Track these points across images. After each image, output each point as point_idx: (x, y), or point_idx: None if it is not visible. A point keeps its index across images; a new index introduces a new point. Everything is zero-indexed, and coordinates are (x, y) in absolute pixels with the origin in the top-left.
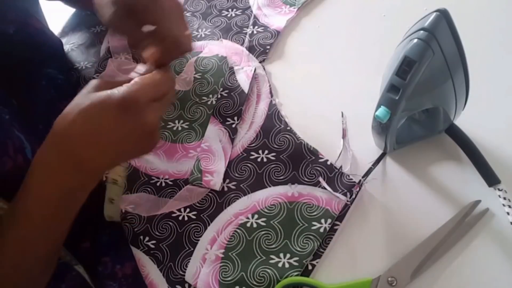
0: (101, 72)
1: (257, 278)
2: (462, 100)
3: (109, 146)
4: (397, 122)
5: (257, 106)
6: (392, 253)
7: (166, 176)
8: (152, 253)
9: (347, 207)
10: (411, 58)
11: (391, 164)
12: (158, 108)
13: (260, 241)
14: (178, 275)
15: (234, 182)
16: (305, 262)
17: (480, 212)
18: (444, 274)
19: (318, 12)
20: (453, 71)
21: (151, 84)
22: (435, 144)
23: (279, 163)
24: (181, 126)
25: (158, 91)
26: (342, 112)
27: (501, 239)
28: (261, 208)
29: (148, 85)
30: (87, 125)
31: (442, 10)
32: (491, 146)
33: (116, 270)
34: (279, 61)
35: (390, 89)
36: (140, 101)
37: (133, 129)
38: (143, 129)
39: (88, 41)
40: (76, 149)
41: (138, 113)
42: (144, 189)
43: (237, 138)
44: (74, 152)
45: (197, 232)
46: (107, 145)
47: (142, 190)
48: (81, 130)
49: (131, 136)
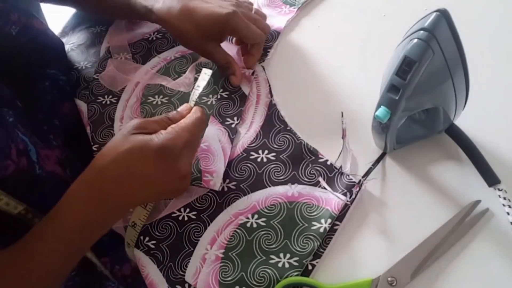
0: (101, 72)
1: (257, 278)
2: (462, 100)
3: (142, 188)
4: (397, 122)
5: (257, 106)
6: (392, 253)
7: None
8: (152, 253)
9: (347, 207)
10: (411, 58)
11: (391, 164)
12: (190, 153)
13: (260, 241)
14: (178, 275)
15: (234, 182)
16: (305, 262)
17: (480, 212)
18: (444, 274)
19: (318, 12)
20: (453, 71)
21: (187, 131)
22: (435, 144)
23: (279, 163)
24: None
25: (192, 136)
26: (342, 112)
27: (501, 239)
28: (261, 208)
29: (184, 131)
30: (123, 168)
31: (442, 10)
32: (491, 146)
33: (115, 271)
34: (279, 61)
35: (390, 89)
36: (176, 148)
37: (167, 174)
38: (177, 174)
39: (88, 41)
40: (108, 188)
41: (173, 159)
42: None
43: (237, 138)
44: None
45: (197, 232)
46: (140, 187)
47: None
48: (117, 172)
49: (164, 180)
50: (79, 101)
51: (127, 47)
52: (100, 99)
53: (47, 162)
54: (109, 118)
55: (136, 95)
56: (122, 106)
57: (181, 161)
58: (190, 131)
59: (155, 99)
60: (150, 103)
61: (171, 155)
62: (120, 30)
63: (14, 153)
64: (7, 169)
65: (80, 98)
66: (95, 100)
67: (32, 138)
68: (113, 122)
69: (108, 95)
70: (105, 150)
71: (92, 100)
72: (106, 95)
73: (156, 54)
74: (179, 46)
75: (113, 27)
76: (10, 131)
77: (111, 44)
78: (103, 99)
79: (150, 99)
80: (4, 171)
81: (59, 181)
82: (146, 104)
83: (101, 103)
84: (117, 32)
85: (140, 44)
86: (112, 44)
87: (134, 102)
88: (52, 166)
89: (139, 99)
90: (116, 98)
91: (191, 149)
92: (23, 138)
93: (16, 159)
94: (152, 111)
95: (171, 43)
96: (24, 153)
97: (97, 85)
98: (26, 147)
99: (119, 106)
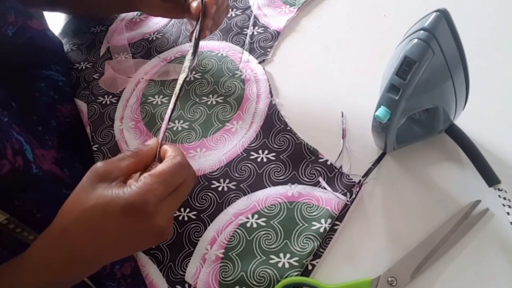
0: (101, 72)
1: (257, 278)
2: (462, 100)
3: (109, 248)
4: (397, 122)
5: (257, 106)
6: (392, 253)
7: None
8: (152, 253)
9: (347, 207)
10: (411, 58)
11: (391, 164)
12: (170, 204)
13: (260, 241)
14: (178, 275)
15: (234, 182)
16: (305, 262)
17: (480, 212)
18: (444, 274)
19: (318, 12)
20: (453, 71)
21: (162, 183)
22: (435, 144)
23: (279, 163)
24: (181, 126)
25: (169, 186)
26: (342, 112)
27: (501, 239)
28: (261, 208)
29: (158, 184)
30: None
31: (442, 10)
32: (491, 146)
33: (115, 271)
34: (279, 61)
35: (390, 89)
36: (149, 204)
37: (139, 233)
38: (151, 231)
39: (88, 41)
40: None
41: (145, 217)
42: None
43: (237, 138)
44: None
45: (197, 232)
46: (107, 247)
47: None
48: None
49: (136, 237)
50: (79, 101)
51: (127, 47)
52: (100, 99)
53: (44, 162)
54: (109, 118)
55: (136, 95)
56: (122, 106)
57: (156, 218)
58: (166, 182)
59: (155, 99)
60: (150, 103)
61: (141, 213)
62: (120, 30)
63: (9, 153)
64: (2, 168)
65: (80, 98)
66: (95, 100)
67: (27, 139)
68: (113, 122)
69: (108, 95)
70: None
71: (92, 100)
72: (106, 95)
73: (156, 54)
74: (179, 46)
75: (113, 27)
76: (5, 131)
77: (111, 44)
78: (103, 99)
79: (150, 99)
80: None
81: (57, 181)
82: (146, 104)
83: (101, 103)
84: (117, 32)
85: (140, 44)
86: (112, 44)
87: (134, 102)
88: (49, 166)
89: (139, 99)
90: (116, 98)
91: (172, 201)
92: (18, 138)
93: (12, 158)
94: (152, 111)
95: (171, 43)
96: (19, 152)
97: (97, 85)
98: (22, 147)
99: (119, 106)
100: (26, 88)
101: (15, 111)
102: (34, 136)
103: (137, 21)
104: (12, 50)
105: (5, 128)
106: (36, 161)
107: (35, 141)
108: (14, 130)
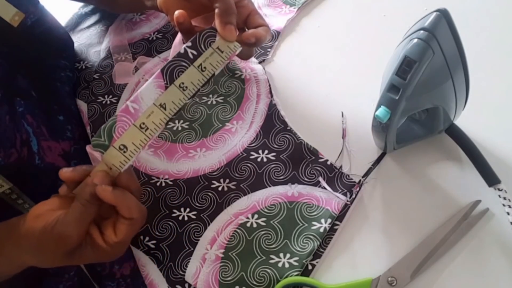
0: (101, 72)
1: (257, 278)
2: (462, 100)
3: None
4: (397, 122)
5: (257, 106)
6: (392, 253)
7: (166, 176)
8: (152, 253)
9: (347, 207)
10: (411, 58)
11: (391, 164)
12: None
13: (260, 241)
14: (178, 275)
15: (234, 182)
16: (305, 262)
17: (480, 212)
18: (444, 274)
19: (318, 12)
20: (453, 71)
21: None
22: (435, 144)
23: (279, 163)
24: (181, 126)
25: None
26: (342, 112)
27: (501, 239)
28: (261, 208)
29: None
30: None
31: (442, 10)
32: (491, 146)
33: (114, 271)
34: (279, 61)
35: (390, 89)
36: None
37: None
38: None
39: (88, 41)
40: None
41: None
42: (144, 189)
43: (237, 138)
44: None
45: (197, 232)
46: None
47: (142, 190)
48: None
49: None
50: (79, 101)
51: (127, 47)
52: (100, 99)
53: (48, 154)
54: (109, 118)
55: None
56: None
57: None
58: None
59: None
60: None
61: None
62: (120, 30)
63: (18, 143)
64: (10, 157)
65: (80, 98)
66: (95, 100)
67: (38, 129)
68: None
69: (108, 95)
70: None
71: (92, 100)
72: (106, 95)
73: (156, 54)
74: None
75: (113, 27)
76: (18, 121)
77: (111, 44)
78: (103, 99)
79: None
80: (8, 159)
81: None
82: None
83: (101, 103)
84: (117, 32)
85: (140, 44)
86: (112, 44)
87: None
88: (54, 158)
89: None
90: (116, 98)
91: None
92: (27, 129)
93: (19, 148)
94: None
95: (171, 43)
96: (26, 143)
97: (97, 85)
98: (28, 138)
99: (119, 106)
100: (47, 77)
101: (35, 100)
102: (54, 125)
103: (137, 21)
104: (31, 39)
105: (18, 118)
106: (41, 152)
107: (52, 131)
108: (25, 120)
